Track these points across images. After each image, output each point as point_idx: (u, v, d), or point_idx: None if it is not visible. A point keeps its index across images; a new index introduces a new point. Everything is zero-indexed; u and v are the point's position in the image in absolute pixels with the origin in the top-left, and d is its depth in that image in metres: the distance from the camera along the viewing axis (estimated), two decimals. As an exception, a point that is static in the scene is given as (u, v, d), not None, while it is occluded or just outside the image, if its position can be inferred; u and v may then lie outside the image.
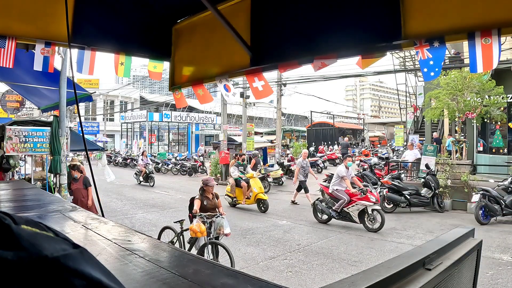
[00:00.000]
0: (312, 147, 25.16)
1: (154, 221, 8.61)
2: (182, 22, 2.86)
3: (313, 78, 18.62)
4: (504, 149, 13.26)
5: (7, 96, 12.30)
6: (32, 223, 0.36)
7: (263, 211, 9.79)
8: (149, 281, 1.15)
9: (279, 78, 19.38)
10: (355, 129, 38.26)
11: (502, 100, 11.54)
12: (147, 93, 52.34)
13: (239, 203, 10.44)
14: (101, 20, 2.46)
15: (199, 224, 4.96)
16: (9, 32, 2.14)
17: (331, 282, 0.88)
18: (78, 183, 6.87)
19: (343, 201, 8.03)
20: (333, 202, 8.33)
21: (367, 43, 1.88)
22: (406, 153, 13.78)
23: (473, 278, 1.36)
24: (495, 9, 1.49)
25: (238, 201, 10.45)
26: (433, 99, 12.77)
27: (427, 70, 1.77)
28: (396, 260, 1.02)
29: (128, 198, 12.25)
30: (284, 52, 2.22)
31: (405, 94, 23.42)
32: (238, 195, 10.46)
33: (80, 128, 2.70)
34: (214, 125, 35.57)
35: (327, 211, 8.34)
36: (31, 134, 6.61)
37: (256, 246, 6.73)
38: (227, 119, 18.76)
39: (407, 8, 1.72)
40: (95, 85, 25.05)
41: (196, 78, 2.79)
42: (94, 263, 0.37)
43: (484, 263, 5.30)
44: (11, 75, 6.78)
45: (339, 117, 43.74)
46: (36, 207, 2.41)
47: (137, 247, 1.57)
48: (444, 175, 10.60)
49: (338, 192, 8.18)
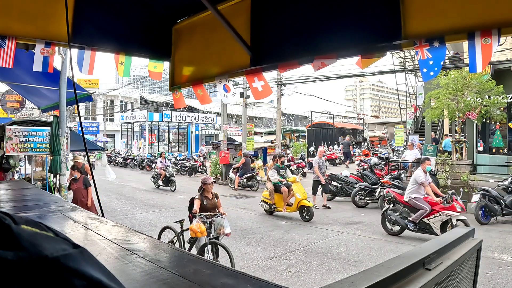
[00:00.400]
0: (312, 147, 25.13)
1: (154, 221, 8.61)
2: (182, 22, 2.86)
3: (313, 78, 18.61)
4: (504, 149, 13.26)
5: (7, 96, 12.31)
6: (32, 223, 0.36)
7: (307, 220, 8.69)
8: (149, 281, 1.15)
9: (279, 78, 19.38)
10: (355, 129, 38.24)
11: (502, 100, 11.55)
12: (147, 93, 52.33)
13: (279, 210, 9.30)
14: (101, 20, 2.46)
15: (199, 224, 4.96)
16: (9, 32, 2.14)
17: (331, 282, 0.88)
18: (78, 183, 6.87)
19: (424, 211, 7.02)
20: (407, 211, 7.41)
21: (367, 43, 1.88)
22: (406, 153, 13.78)
23: (473, 278, 1.36)
24: (495, 9, 1.49)
25: (277, 208, 9.30)
26: (433, 99, 12.78)
27: (427, 70, 1.77)
28: (396, 260, 1.02)
29: (128, 198, 12.25)
30: (284, 52, 2.23)
31: (405, 94, 23.43)
32: (277, 201, 9.32)
33: (80, 128, 2.70)
34: (214, 125, 35.56)
35: (402, 222, 7.29)
36: (31, 134, 6.61)
37: (256, 246, 6.73)
38: (227, 119, 18.77)
39: (407, 8, 1.72)
40: (95, 85, 25.05)
41: (196, 78, 2.79)
42: (94, 263, 0.37)
43: (484, 263, 5.30)
44: (11, 75, 6.78)
45: (339, 117, 43.71)
46: (36, 207, 2.41)
47: (137, 247, 1.57)
48: (444, 175, 10.61)
49: (416, 201, 7.17)
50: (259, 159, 16.97)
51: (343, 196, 11.46)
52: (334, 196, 11.58)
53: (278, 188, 9.26)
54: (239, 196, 12.91)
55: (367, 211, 9.91)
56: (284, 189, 9.16)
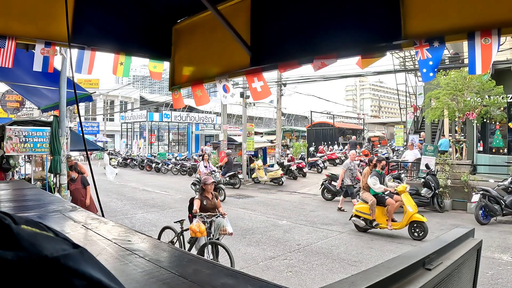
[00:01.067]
0: (312, 147, 25.16)
1: (154, 221, 8.61)
2: (182, 22, 2.86)
3: (313, 78, 18.61)
4: (504, 149, 13.26)
5: (7, 96, 12.31)
6: (32, 223, 0.36)
7: (419, 238, 7.04)
8: (149, 281, 1.15)
9: (279, 78, 19.38)
10: (355, 129, 38.24)
11: (502, 100, 11.54)
12: (147, 93, 52.31)
13: (382, 227, 7.56)
14: (101, 20, 2.46)
15: (199, 224, 4.96)
16: (9, 32, 2.14)
17: (331, 282, 0.88)
18: (76, 183, 6.88)
19: None
20: None
21: (367, 43, 1.88)
22: (406, 153, 13.79)
23: (473, 278, 1.36)
24: (495, 9, 1.49)
25: (380, 225, 7.55)
26: (433, 99, 12.77)
27: (426, 71, 1.77)
28: (396, 260, 1.02)
29: (128, 198, 12.25)
30: (284, 52, 2.23)
31: (405, 94, 23.42)
32: (378, 216, 7.57)
33: (80, 128, 2.70)
34: (214, 125, 35.54)
35: None
36: (31, 134, 6.61)
37: (256, 246, 6.73)
38: (227, 119, 18.77)
39: (407, 8, 1.72)
40: (95, 85, 25.06)
41: (196, 78, 2.79)
42: (94, 263, 0.37)
43: (484, 263, 5.30)
44: (11, 75, 6.78)
45: (339, 117, 43.73)
46: (36, 207, 2.41)
47: (137, 247, 1.57)
48: (444, 175, 10.61)
49: None
50: (259, 159, 16.97)
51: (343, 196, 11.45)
52: (334, 196, 11.58)
53: (381, 200, 7.59)
54: (239, 196, 12.91)
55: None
56: (391, 201, 7.48)
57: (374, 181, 7.58)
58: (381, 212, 7.62)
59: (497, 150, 13.40)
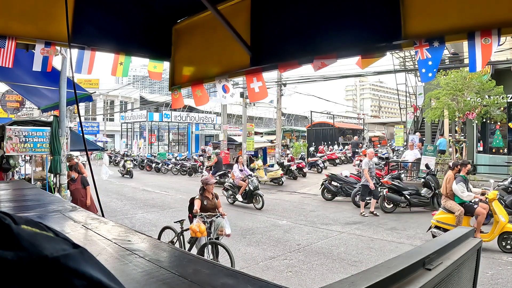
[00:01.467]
0: (312, 147, 25.15)
1: (154, 221, 8.61)
2: (182, 22, 2.86)
3: (313, 78, 18.61)
4: (504, 149, 13.26)
5: (7, 96, 12.31)
6: (32, 223, 0.36)
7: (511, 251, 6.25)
8: (149, 281, 1.15)
9: (279, 78, 19.38)
10: (355, 129, 38.23)
11: (502, 100, 11.55)
12: (147, 93, 52.31)
13: None
14: (101, 20, 2.46)
15: (199, 224, 4.96)
16: (9, 32, 2.14)
17: (331, 282, 0.88)
18: (76, 183, 6.88)
19: None
20: None
21: (367, 43, 1.88)
22: (406, 153, 13.79)
23: (473, 278, 1.36)
24: (495, 9, 1.49)
25: None
26: (433, 99, 12.78)
27: (425, 71, 1.77)
28: (396, 260, 1.01)
29: (128, 198, 12.25)
30: (284, 52, 2.23)
31: (405, 94, 23.43)
32: None
33: (80, 128, 2.70)
34: (214, 125, 35.54)
35: None
36: (31, 134, 6.60)
37: (256, 246, 6.73)
38: (227, 119, 18.77)
39: (407, 8, 1.72)
40: (95, 85, 25.05)
41: (196, 78, 2.79)
42: (94, 263, 0.37)
43: (484, 263, 5.30)
44: (11, 75, 6.78)
45: (339, 117, 43.71)
46: (36, 207, 2.41)
47: (137, 247, 1.57)
48: (444, 175, 10.60)
49: None
50: (259, 159, 16.97)
51: (343, 196, 11.46)
52: (334, 196, 11.59)
53: (469, 210, 6.68)
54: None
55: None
56: (481, 211, 6.67)
57: (462, 188, 6.64)
58: (467, 222, 6.72)
59: (497, 150, 13.40)
